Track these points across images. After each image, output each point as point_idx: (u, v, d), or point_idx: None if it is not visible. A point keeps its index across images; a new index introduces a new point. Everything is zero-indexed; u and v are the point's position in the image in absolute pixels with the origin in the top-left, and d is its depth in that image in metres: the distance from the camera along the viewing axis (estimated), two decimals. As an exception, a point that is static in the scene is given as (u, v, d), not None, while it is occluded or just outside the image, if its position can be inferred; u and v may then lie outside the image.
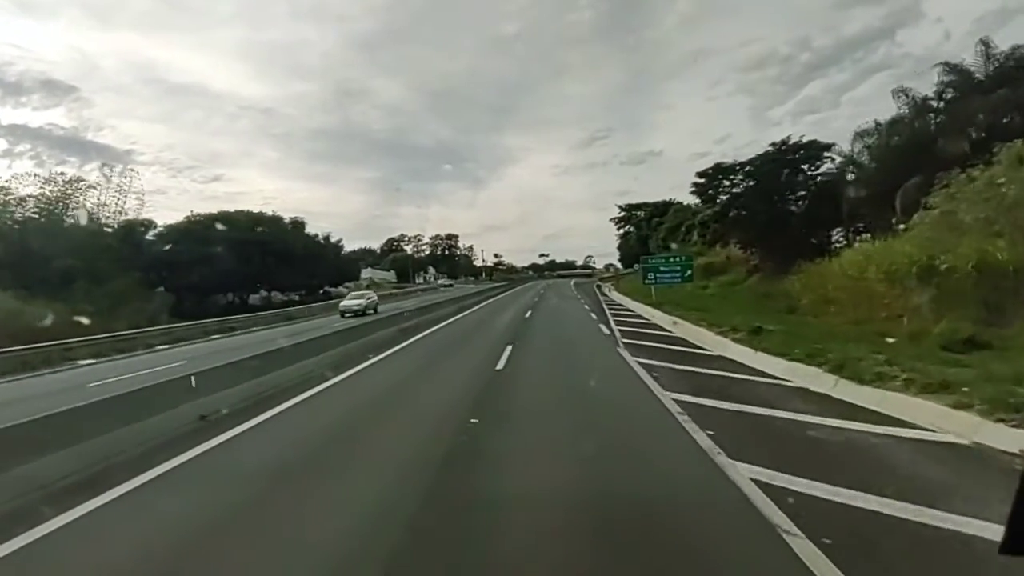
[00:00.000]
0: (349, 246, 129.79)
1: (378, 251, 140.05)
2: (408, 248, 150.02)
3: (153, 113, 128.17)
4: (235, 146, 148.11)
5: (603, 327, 16.98)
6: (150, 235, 39.18)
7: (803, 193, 21.64)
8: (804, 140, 22.15)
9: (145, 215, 39.20)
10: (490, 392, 8.54)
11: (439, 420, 7.00)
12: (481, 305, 32.19)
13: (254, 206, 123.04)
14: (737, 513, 3.79)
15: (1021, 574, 2.36)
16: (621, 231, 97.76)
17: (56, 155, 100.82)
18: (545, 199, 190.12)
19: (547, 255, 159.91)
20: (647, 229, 67.91)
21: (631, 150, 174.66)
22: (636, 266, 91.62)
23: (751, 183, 22.91)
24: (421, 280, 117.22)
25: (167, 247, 37.38)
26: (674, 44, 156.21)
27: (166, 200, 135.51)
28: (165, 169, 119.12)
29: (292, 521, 4.14)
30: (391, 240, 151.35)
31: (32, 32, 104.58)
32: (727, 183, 23.38)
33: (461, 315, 24.63)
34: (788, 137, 22.18)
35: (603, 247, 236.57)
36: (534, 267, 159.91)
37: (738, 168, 23.70)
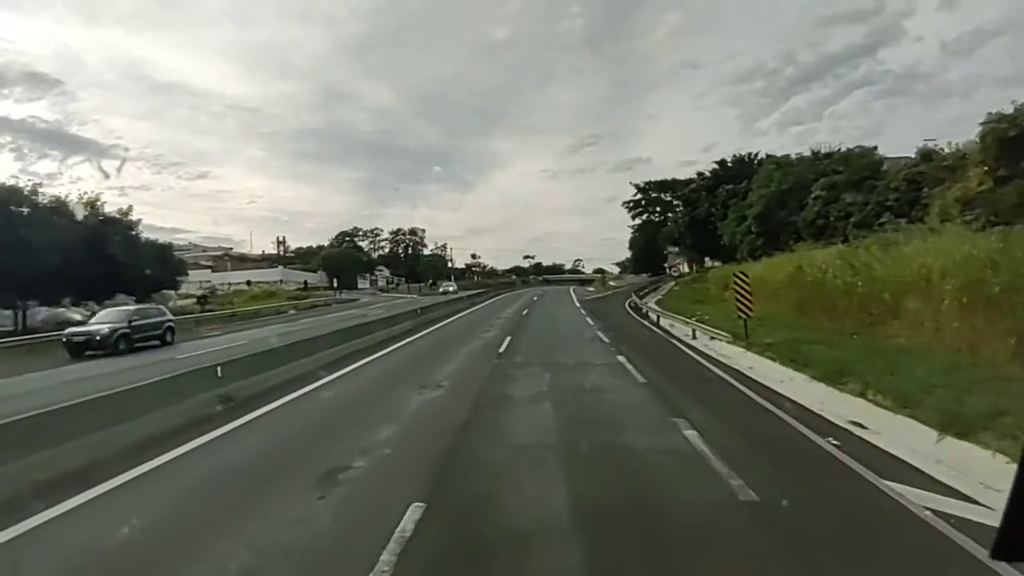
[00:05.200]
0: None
1: (327, 245, 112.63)
2: (364, 243, 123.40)
3: (138, 109, 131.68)
4: (221, 144, 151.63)
5: None
6: None
7: None
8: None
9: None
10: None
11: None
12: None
13: (240, 204, 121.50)
14: None
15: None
16: (638, 220, 69.99)
17: (38, 148, 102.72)
18: (531, 204, 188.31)
19: (532, 256, 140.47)
20: (706, 203, 40.12)
21: (619, 157, 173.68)
22: (668, 267, 63.42)
23: None
24: (367, 284, 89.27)
25: None
26: (663, 55, 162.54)
27: (151, 196, 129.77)
28: (150, 165, 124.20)
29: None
30: (343, 234, 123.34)
31: (16, 24, 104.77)
32: None
33: None
34: None
35: (588, 252, 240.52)
36: (517, 270, 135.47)
37: None
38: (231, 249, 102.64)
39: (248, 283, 58.56)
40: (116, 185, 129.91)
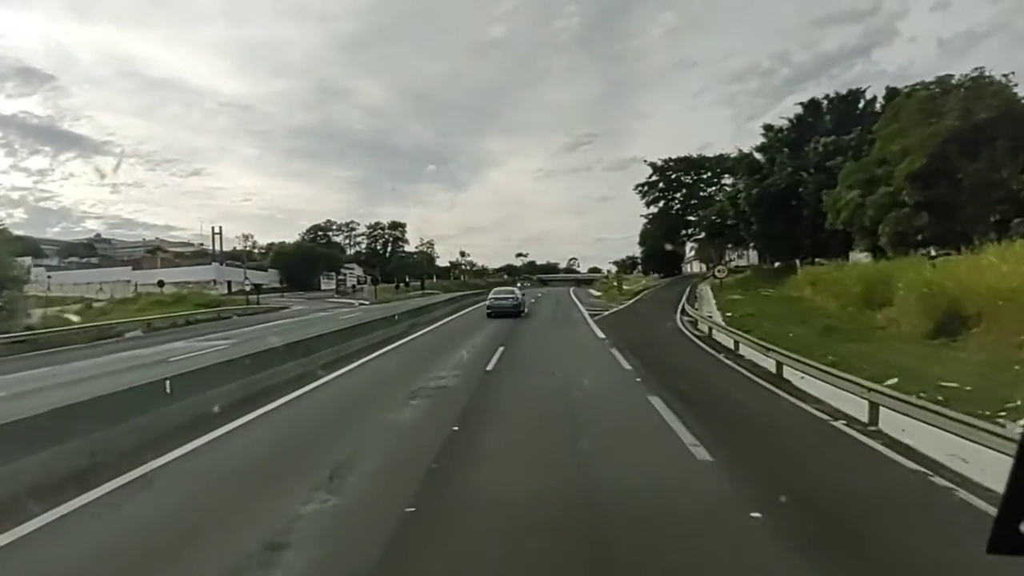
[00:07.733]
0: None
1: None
2: (339, 238, 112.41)
3: (131, 106, 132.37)
4: (215, 142, 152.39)
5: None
6: None
7: None
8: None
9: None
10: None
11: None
12: None
13: (235, 202, 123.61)
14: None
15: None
16: (653, 207, 57.59)
17: (30, 144, 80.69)
18: (526, 203, 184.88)
19: (525, 255, 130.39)
20: (788, 168, 27.39)
21: (614, 156, 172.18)
22: (713, 267, 47.49)
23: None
24: (334, 285, 76.67)
25: None
26: (658, 54, 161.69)
27: (144, 194, 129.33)
28: (143, 162, 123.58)
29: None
30: (315, 227, 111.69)
31: (7, 19, 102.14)
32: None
33: None
34: None
35: (582, 251, 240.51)
36: (509, 269, 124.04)
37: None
38: (202, 244, 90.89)
39: (160, 284, 45.68)
40: (109, 182, 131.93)
